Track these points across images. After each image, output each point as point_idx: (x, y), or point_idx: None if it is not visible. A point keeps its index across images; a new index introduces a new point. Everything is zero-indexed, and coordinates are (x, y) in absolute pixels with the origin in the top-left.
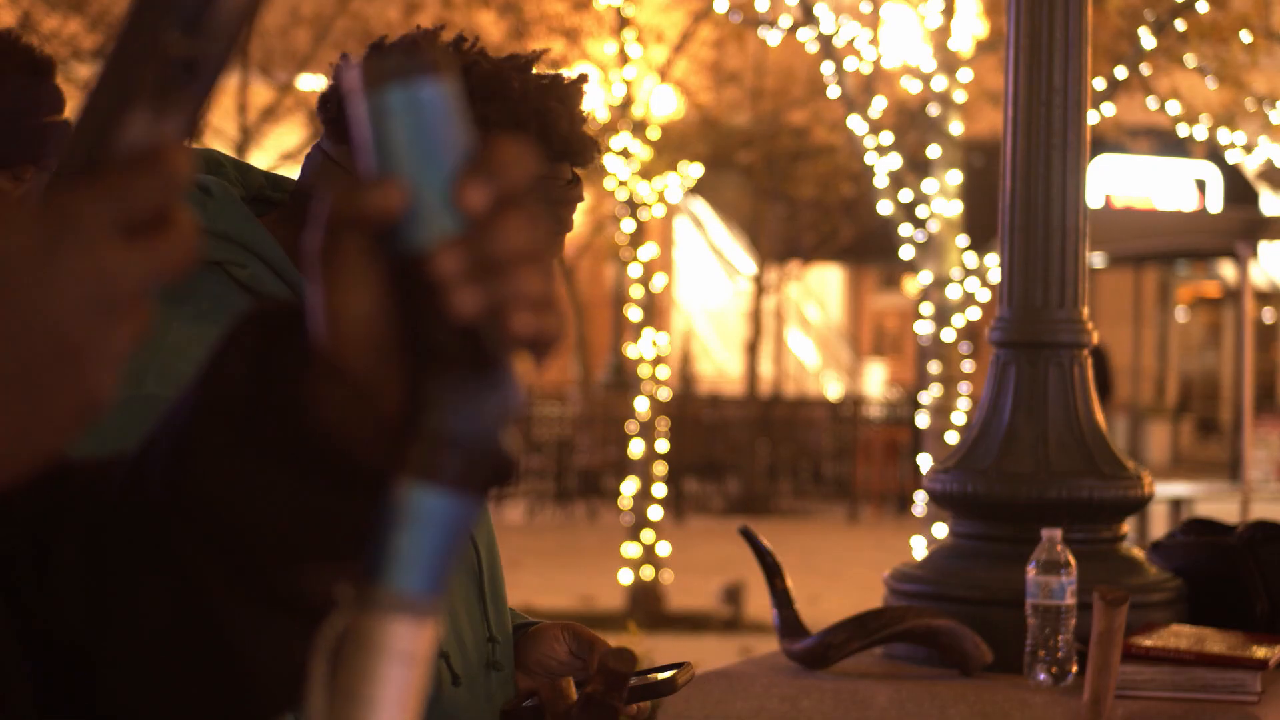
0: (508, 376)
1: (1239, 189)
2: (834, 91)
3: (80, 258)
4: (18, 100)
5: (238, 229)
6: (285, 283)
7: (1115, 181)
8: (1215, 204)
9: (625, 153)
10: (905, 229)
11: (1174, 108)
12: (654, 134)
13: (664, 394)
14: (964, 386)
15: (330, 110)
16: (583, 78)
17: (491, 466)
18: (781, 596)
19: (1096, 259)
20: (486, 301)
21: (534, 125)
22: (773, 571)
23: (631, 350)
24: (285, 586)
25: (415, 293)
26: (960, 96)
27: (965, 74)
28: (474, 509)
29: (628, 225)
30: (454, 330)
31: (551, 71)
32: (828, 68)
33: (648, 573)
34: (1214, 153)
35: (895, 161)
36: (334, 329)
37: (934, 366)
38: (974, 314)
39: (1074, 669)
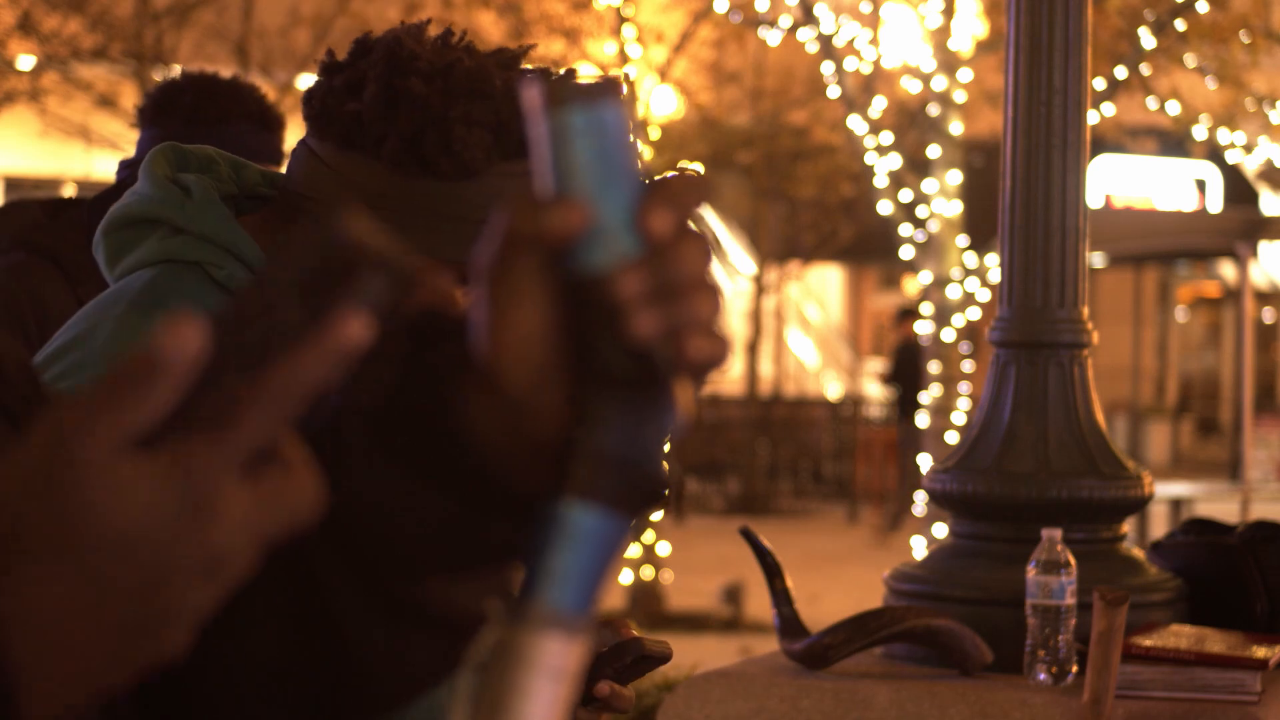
0: (671, 400)
1: (1239, 189)
2: (834, 91)
3: (199, 526)
4: (236, 143)
5: (215, 229)
6: None
7: (1115, 181)
8: (1215, 204)
9: None
10: (905, 229)
11: (1174, 108)
12: (654, 134)
13: None
14: (964, 386)
15: (314, 106)
16: (571, 73)
17: (647, 488)
18: (781, 596)
19: (1096, 259)
20: (664, 325)
21: (517, 123)
22: (773, 571)
23: None
24: (414, 595)
25: (586, 313)
26: (960, 96)
27: (965, 74)
28: (627, 529)
29: None
30: (627, 352)
31: (539, 67)
32: (828, 68)
33: (648, 573)
34: (1214, 153)
35: (895, 161)
36: (498, 345)
37: (934, 366)
38: (974, 314)
39: (1074, 669)
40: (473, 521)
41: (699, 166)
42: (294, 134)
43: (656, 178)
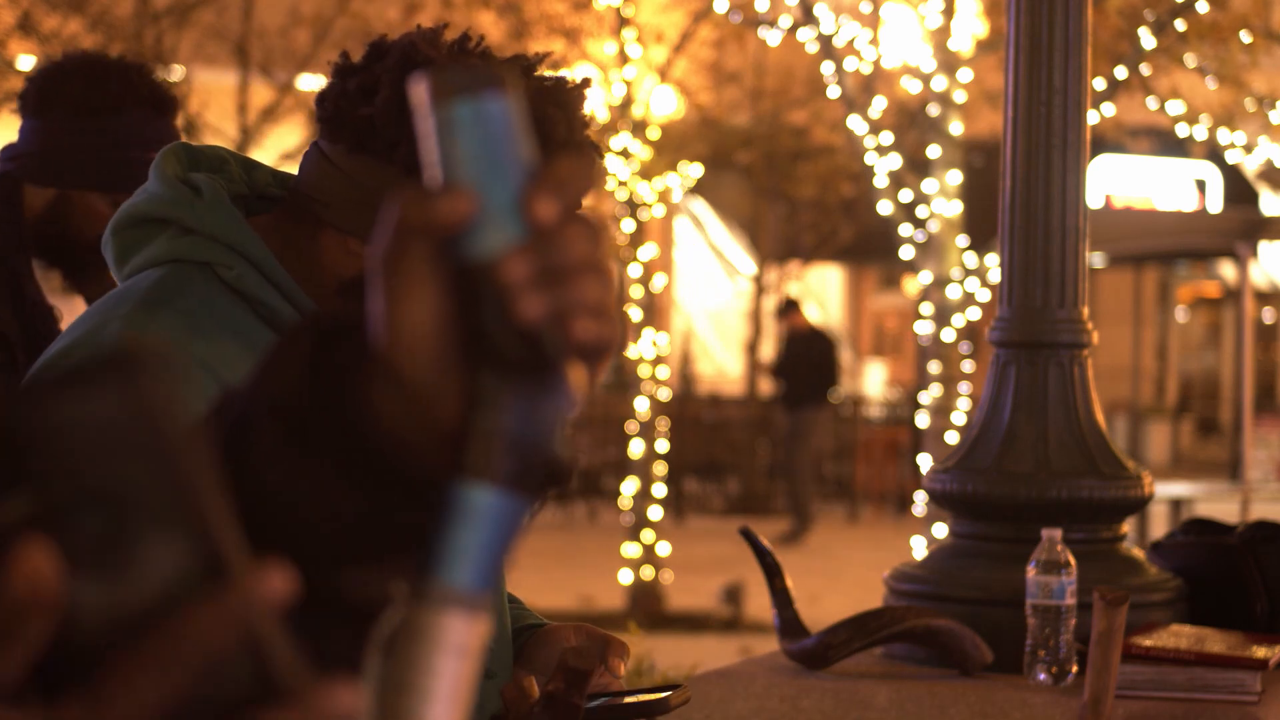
0: (563, 381)
1: (1239, 189)
2: (834, 91)
3: None
4: (134, 132)
5: (224, 230)
6: (272, 284)
7: (1115, 181)
8: (1215, 204)
9: (625, 153)
10: (905, 229)
11: (1174, 108)
12: (654, 134)
13: (664, 394)
14: (964, 386)
15: (327, 109)
16: (585, 82)
17: (546, 468)
18: (781, 596)
19: (1096, 259)
20: (551, 307)
21: (530, 131)
22: (773, 571)
23: (631, 350)
24: (327, 585)
25: (477, 299)
26: (960, 96)
27: (965, 74)
28: (527, 509)
29: (628, 225)
30: (516, 334)
31: (553, 75)
32: (828, 68)
33: (648, 573)
34: (1214, 153)
35: (895, 161)
36: (395, 335)
37: (934, 366)
38: (974, 314)
39: (1074, 669)
40: (383, 510)
41: (699, 166)
42: (292, 133)
43: (542, 165)
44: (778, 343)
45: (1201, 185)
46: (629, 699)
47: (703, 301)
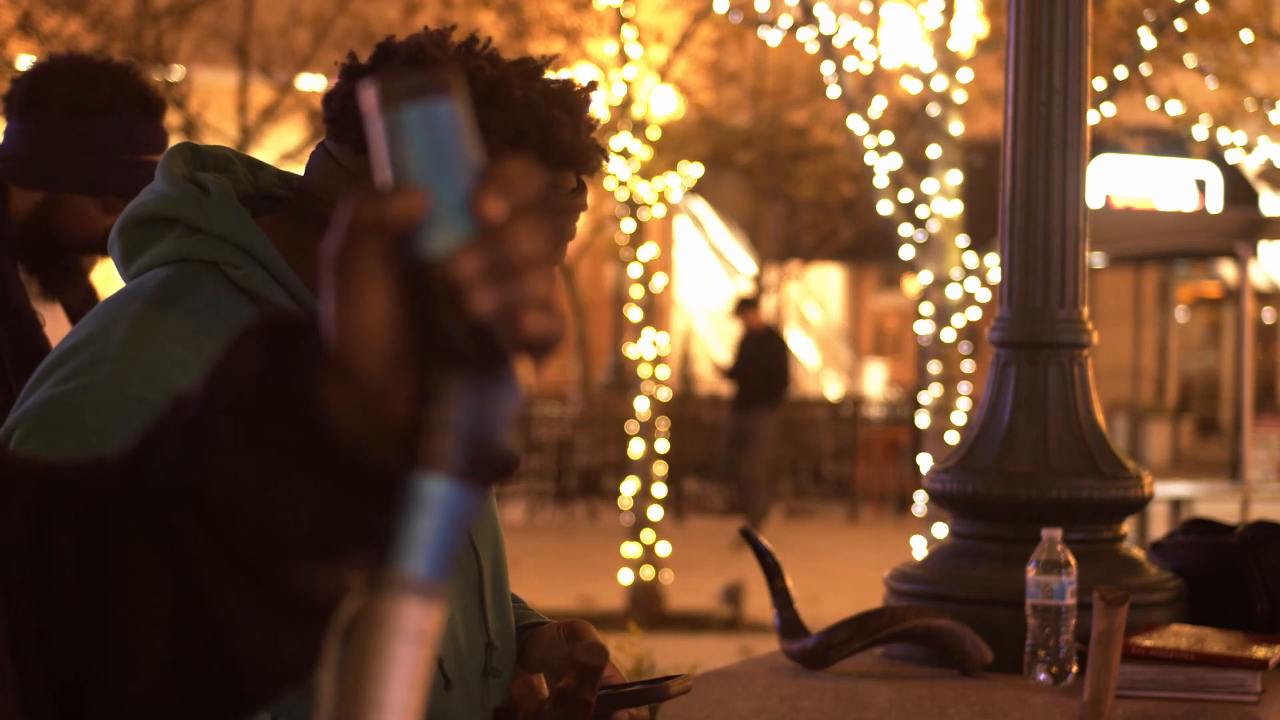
0: (512, 375)
1: (1239, 189)
2: (834, 91)
3: None
4: (123, 135)
5: (231, 229)
6: (279, 283)
7: (1115, 181)
8: (1215, 204)
9: (625, 153)
10: (905, 229)
11: (1174, 108)
12: (654, 134)
13: (664, 394)
14: (964, 386)
15: (333, 109)
16: (591, 85)
17: (496, 459)
18: (781, 596)
19: (1096, 259)
20: (500, 302)
21: (536, 134)
22: (773, 571)
23: (631, 350)
24: (288, 582)
25: (428, 296)
26: (960, 96)
27: (965, 74)
28: (478, 499)
29: (628, 225)
30: (467, 329)
31: (559, 77)
32: (828, 68)
33: (648, 573)
34: (1214, 153)
35: (895, 161)
36: (348, 333)
37: (934, 366)
38: (974, 314)
39: (1074, 669)
40: (340, 505)
41: (699, 166)
42: (292, 133)
43: (488, 165)
44: (733, 344)
45: (1201, 185)
46: (629, 689)
47: (703, 301)
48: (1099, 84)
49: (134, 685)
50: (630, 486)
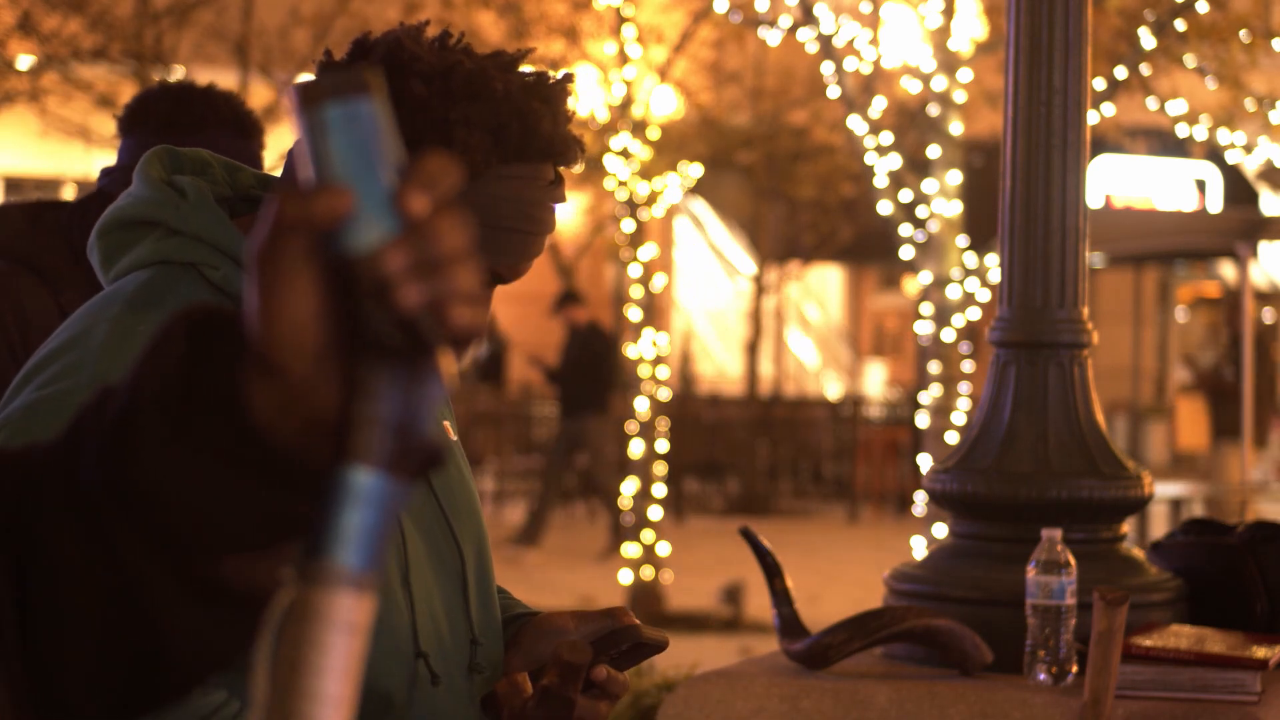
0: (437, 368)
1: (1239, 189)
2: (834, 91)
3: None
4: (215, 149)
5: (210, 231)
6: None
7: (1115, 181)
8: (1215, 204)
9: (625, 153)
10: (905, 229)
11: (1174, 108)
12: (654, 134)
13: (664, 394)
14: (964, 386)
15: None
16: (568, 76)
17: (422, 451)
18: (781, 596)
19: (1096, 259)
20: (427, 296)
21: (516, 126)
22: (773, 571)
23: (631, 350)
24: (214, 573)
25: (353, 291)
26: (960, 96)
27: (965, 74)
28: (406, 491)
29: (628, 225)
30: (393, 323)
31: (537, 70)
32: (828, 68)
33: (648, 573)
34: (1214, 153)
35: (895, 161)
36: (273, 329)
37: (934, 366)
38: (974, 314)
39: (1074, 669)
40: (268, 499)
41: (699, 166)
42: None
43: (411, 162)
44: (560, 345)
45: (1201, 185)
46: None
47: (703, 301)
48: (1099, 84)
49: (67, 669)
50: (630, 486)
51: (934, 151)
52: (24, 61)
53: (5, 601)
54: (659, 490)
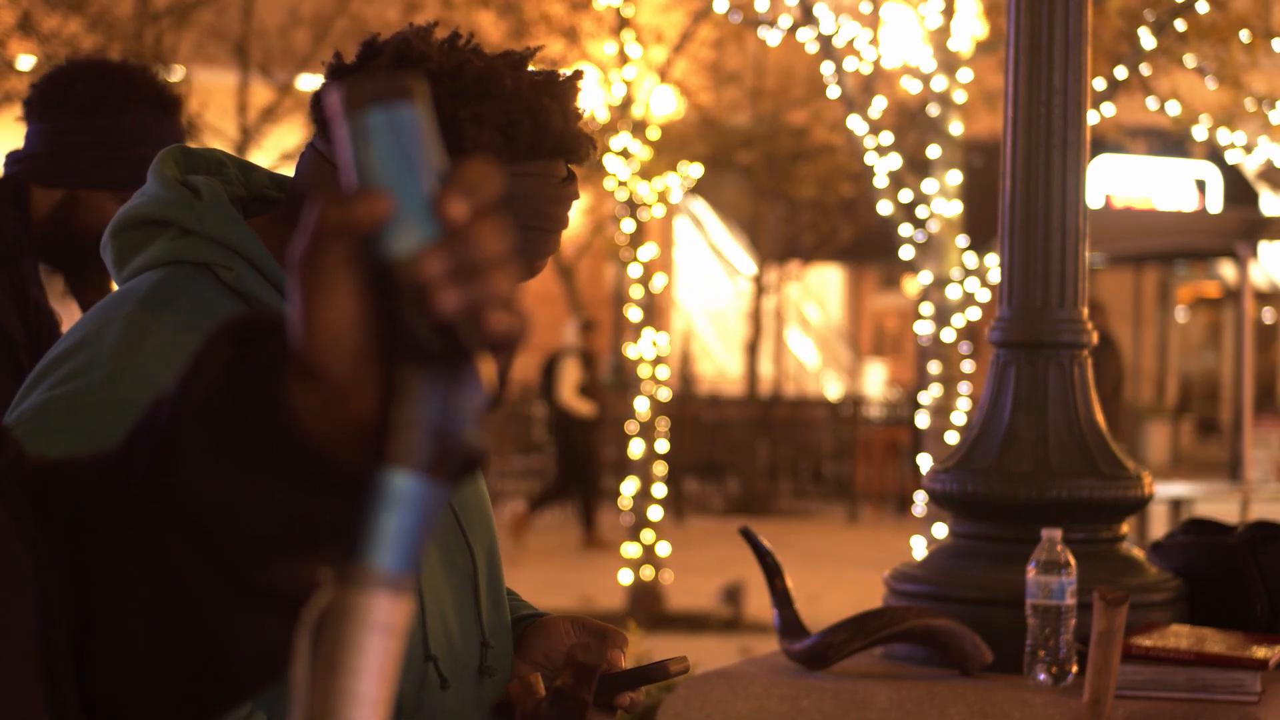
0: (476, 372)
1: (1239, 189)
2: (834, 91)
3: None
4: (140, 131)
5: (224, 231)
6: (271, 284)
7: (1115, 181)
8: (1215, 204)
9: (625, 153)
10: (905, 229)
11: (1174, 108)
12: (654, 134)
13: (664, 394)
14: (964, 386)
15: (321, 110)
16: (578, 74)
17: (462, 455)
18: (781, 596)
19: (1096, 259)
20: (465, 301)
21: (527, 123)
22: (773, 571)
23: (631, 350)
24: (263, 578)
25: (393, 296)
26: (960, 96)
27: (965, 74)
28: (445, 494)
29: (628, 225)
30: (433, 328)
31: (546, 68)
32: (827, 68)
33: (648, 573)
34: (1214, 153)
35: (895, 161)
36: (314, 335)
37: (934, 366)
38: (974, 314)
39: (1074, 669)
40: (311, 503)
41: (699, 166)
42: (292, 133)
43: (453, 167)
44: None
45: (1201, 185)
46: (630, 670)
47: (703, 301)
48: (1099, 84)
49: (124, 680)
50: (630, 486)
51: (934, 151)
52: (24, 62)
53: (58, 613)
54: (659, 490)
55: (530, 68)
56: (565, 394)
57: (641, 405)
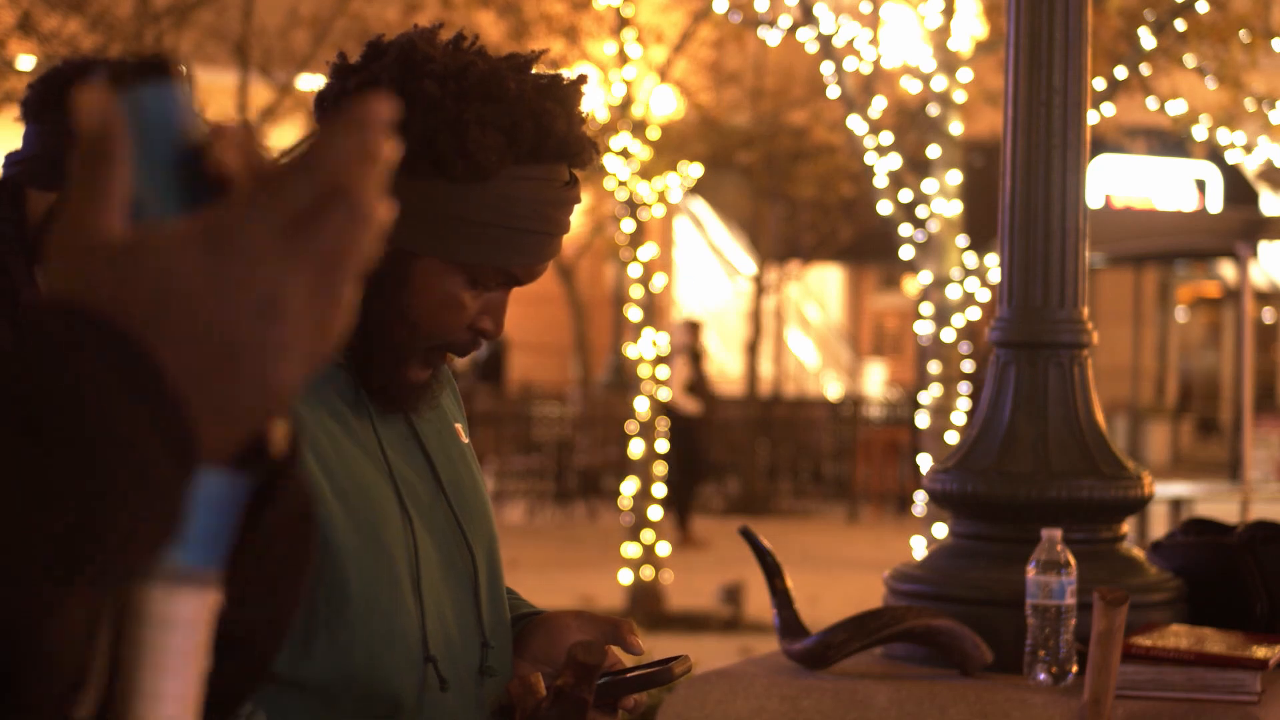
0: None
1: (1239, 189)
2: (834, 91)
3: (240, 269)
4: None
5: None
6: None
7: (1115, 181)
8: (1215, 204)
9: (625, 153)
10: (905, 229)
11: (1174, 108)
12: (654, 134)
13: (664, 394)
14: (964, 386)
15: (326, 109)
16: (582, 78)
17: (264, 448)
18: (781, 596)
19: (1096, 259)
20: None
21: (530, 126)
22: (773, 571)
23: (631, 350)
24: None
25: None
26: (960, 96)
27: (965, 74)
28: (247, 488)
29: (628, 225)
30: None
31: (550, 72)
32: (828, 68)
33: (648, 573)
34: (1214, 153)
35: (895, 161)
36: None
37: (934, 366)
38: (974, 314)
39: (1074, 669)
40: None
41: (699, 166)
42: (293, 133)
43: (203, 144)
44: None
45: (1201, 185)
46: (632, 673)
47: (703, 301)
48: (1099, 84)
49: None
50: (630, 486)
51: (934, 151)
52: (24, 62)
53: None
54: (659, 490)
55: (535, 71)
56: (675, 392)
57: (641, 405)
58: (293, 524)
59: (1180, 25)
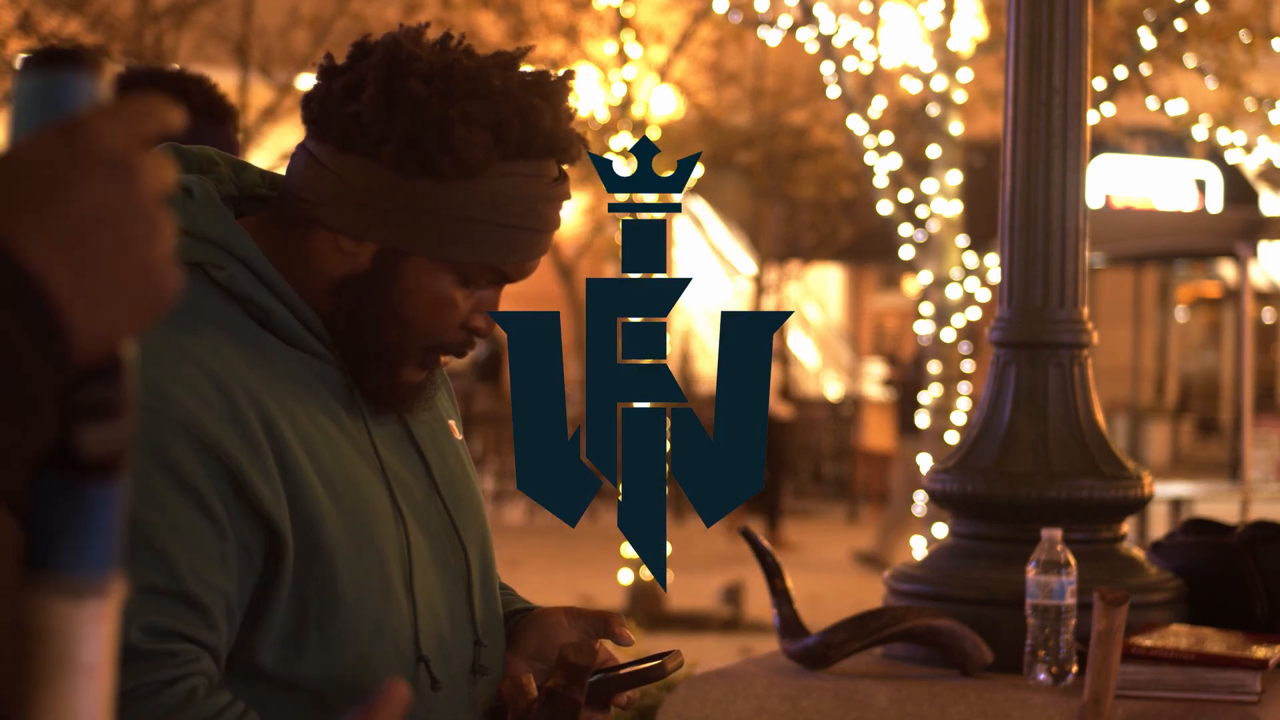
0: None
1: (1239, 189)
2: (834, 91)
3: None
4: (189, 139)
5: (216, 230)
6: (263, 283)
7: (1115, 181)
8: (1215, 204)
9: (625, 152)
10: (905, 229)
11: (1174, 108)
12: (654, 134)
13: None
14: (964, 386)
15: (313, 110)
16: (569, 74)
17: (97, 450)
18: (781, 596)
19: (1096, 259)
20: None
21: (516, 122)
22: (773, 571)
23: None
24: None
25: None
26: (960, 96)
27: (965, 74)
28: (111, 492)
29: None
30: None
31: (537, 68)
32: (827, 68)
33: (648, 573)
34: (1214, 153)
35: (895, 161)
36: None
37: (934, 366)
38: (974, 314)
39: (1074, 669)
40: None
41: (699, 166)
42: (292, 133)
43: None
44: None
45: (1201, 185)
46: (625, 670)
47: (703, 301)
48: (1099, 84)
49: None
50: None
51: (934, 151)
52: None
53: None
54: None
55: (522, 68)
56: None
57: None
58: None
59: (1180, 25)
